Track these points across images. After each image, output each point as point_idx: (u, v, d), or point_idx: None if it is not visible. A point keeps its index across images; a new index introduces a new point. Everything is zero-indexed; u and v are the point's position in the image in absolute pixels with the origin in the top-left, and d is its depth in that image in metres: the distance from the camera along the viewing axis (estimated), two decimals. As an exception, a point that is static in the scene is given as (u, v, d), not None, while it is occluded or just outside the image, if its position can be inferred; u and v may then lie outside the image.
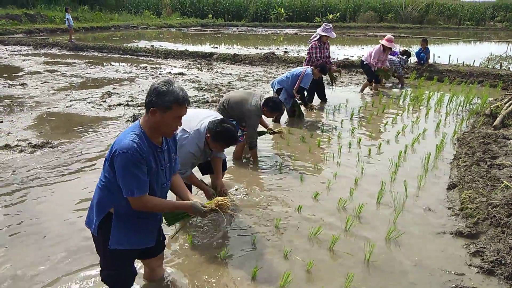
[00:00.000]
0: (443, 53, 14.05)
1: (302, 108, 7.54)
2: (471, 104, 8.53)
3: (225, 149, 3.79)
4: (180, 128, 3.35)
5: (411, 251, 3.51)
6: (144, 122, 2.37)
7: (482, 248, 3.47)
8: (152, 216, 2.56)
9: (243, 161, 5.52)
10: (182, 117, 2.73)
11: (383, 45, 9.26)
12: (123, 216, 2.42)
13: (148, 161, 2.33)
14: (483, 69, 11.78)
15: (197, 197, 2.78)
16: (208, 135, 3.44)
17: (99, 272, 2.63)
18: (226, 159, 4.35)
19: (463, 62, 12.61)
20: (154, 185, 2.43)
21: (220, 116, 3.69)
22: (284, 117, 7.51)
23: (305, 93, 7.36)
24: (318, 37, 8.35)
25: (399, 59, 10.57)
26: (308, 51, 8.51)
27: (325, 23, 8.48)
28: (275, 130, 5.43)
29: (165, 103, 2.27)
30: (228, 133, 3.42)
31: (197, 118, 3.57)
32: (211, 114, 3.69)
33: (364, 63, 9.66)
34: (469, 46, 22.11)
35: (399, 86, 10.79)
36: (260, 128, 5.41)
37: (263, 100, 5.13)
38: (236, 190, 4.62)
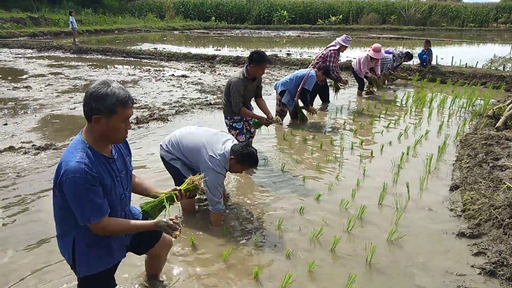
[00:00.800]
0: (446, 54, 14.04)
1: (305, 111, 7.55)
2: (473, 106, 8.52)
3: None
4: (206, 154, 3.56)
5: (413, 252, 3.52)
6: (88, 133, 2.14)
7: (484, 249, 3.47)
8: (115, 235, 2.35)
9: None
10: (197, 140, 2.93)
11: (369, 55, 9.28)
12: (86, 240, 2.21)
13: (101, 179, 2.11)
14: (486, 71, 11.76)
15: (161, 192, 2.65)
16: (232, 157, 3.58)
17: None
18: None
19: (466, 63, 12.59)
20: (113, 199, 2.22)
21: (231, 137, 3.91)
22: (287, 119, 7.52)
23: (308, 95, 7.37)
24: (338, 46, 8.35)
25: (392, 54, 10.58)
26: (323, 56, 8.39)
27: (346, 35, 8.54)
28: (271, 120, 5.30)
29: (108, 107, 2.04)
30: (253, 156, 3.60)
31: (218, 141, 3.72)
32: (229, 137, 3.87)
33: (354, 70, 9.65)
34: (472, 48, 22.07)
35: (392, 87, 10.80)
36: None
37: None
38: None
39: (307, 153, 5.89)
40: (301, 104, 7.45)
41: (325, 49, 8.50)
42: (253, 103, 5.52)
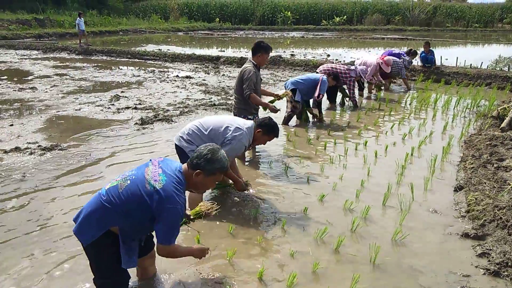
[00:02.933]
0: (451, 55, 14.00)
1: (310, 116, 7.61)
2: (478, 107, 8.50)
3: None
4: (232, 127, 3.97)
5: (417, 252, 3.52)
6: (188, 177, 2.61)
7: (488, 250, 3.46)
8: (138, 239, 2.69)
9: (246, 163, 5.55)
10: (218, 120, 3.65)
11: (379, 64, 9.34)
12: (126, 238, 2.53)
13: None
14: (491, 71, 11.73)
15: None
16: (259, 130, 4.03)
17: (92, 280, 2.66)
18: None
19: (471, 64, 12.56)
20: None
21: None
22: (293, 120, 7.54)
23: (311, 102, 7.60)
24: (355, 75, 8.53)
25: (402, 59, 10.57)
26: (343, 76, 8.44)
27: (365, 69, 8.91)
28: (281, 95, 5.90)
29: (212, 170, 2.59)
30: (277, 127, 4.14)
31: (239, 120, 4.20)
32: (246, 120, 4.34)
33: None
34: (477, 48, 22.00)
35: (404, 89, 10.77)
36: (268, 98, 5.91)
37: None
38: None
39: (311, 153, 5.90)
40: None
41: (339, 64, 8.71)
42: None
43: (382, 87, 10.31)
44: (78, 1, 33.66)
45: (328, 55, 17.37)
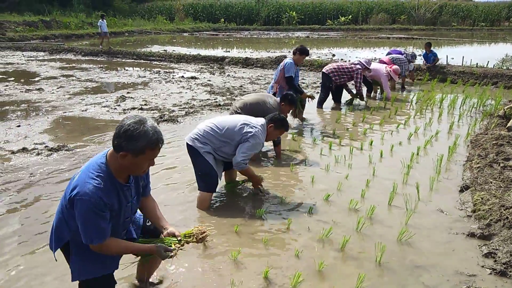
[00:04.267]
0: (457, 54, 13.93)
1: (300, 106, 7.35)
2: (484, 106, 8.46)
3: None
4: (246, 123, 4.11)
5: (423, 252, 3.51)
6: (112, 161, 2.18)
7: (494, 249, 3.45)
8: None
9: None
10: (232, 120, 3.55)
11: (389, 73, 9.39)
12: (82, 247, 2.25)
13: (111, 205, 2.17)
14: (497, 70, 11.66)
15: (172, 227, 2.52)
16: (271, 125, 4.22)
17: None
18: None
19: (477, 63, 12.49)
20: (118, 223, 2.31)
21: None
22: (294, 121, 7.55)
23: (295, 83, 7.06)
24: (362, 68, 8.56)
25: (405, 54, 10.54)
26: (349, 70, 8.50)
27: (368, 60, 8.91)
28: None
29: (138, 149, 2.08)
30: (286, 121, 4.36)
31: (251, 118, 4.30)
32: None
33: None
34: (483, 47, 21.86)
35: (401, 88, 10.72)
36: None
37: (279, 97, 5.69)
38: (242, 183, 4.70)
39: (316, 153, 5.89)
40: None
41: (343, 62, 8.62)
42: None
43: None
44: (84, 3, 33.84)
45: (333, 55, 17.35)
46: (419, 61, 13.10)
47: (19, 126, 7.05)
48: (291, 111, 6.17)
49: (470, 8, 37.48)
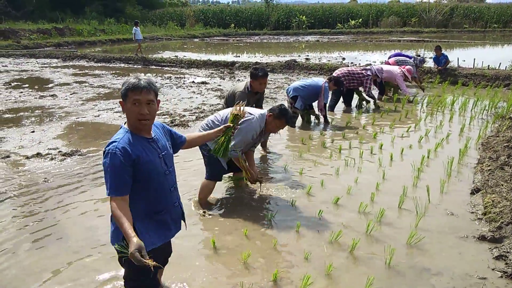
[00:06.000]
0: (468, 57, 13.84)
1: (312, 117, 7.83)
2: (496, 108, 8.38)
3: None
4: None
5: (432, 255, 3.50)
6: (127, 121, 2.43)
7: (505, 252, 3.43)
8: (167, 210, 2.55)
9: (263, 161, 5.60)
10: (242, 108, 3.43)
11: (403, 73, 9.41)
12: (142, 216, 2.41)
13: (141, 155, 2.33)
14: (509, 72, 11.54)
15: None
16: (271, 114, 4.19)
17: (123, 285, 2.61)
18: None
19: (488, 65, 12.38)
20: (159, 174, 2.45)
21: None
22: (298, 121, 7.62)
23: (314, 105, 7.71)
24: (372, 74, 8.75)
25: (413, 58, 10.50)
26: (360, 76, 8.62)
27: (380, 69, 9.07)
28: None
29: (123, 92, 2.34)
30: (289, 112, 4.27)
31: (253, 109, 4.40)
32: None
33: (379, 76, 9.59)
34: (495, 49, 21.63)
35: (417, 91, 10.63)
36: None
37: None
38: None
39: (325, 156, 5.91)
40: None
41: (354, 67, 8.67)
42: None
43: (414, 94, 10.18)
44: (97, 10, 34.32)
45: (344, 59, 17.33)
46: (430, 64, 13.03)
47: (33, 131, 7.19)
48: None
49: (482, 9, 37.07)
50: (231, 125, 3.33)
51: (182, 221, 2.78)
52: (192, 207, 4.38)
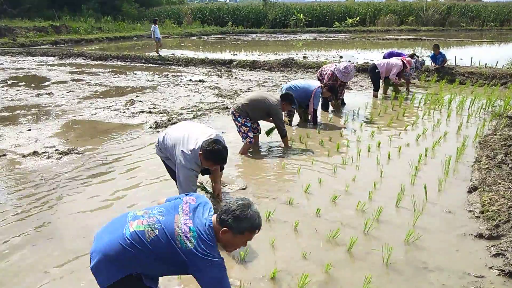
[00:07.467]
0: (465, 55, 13.85)
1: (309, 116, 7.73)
2: (493, 107, 8.39)
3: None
4: (179, 149, 3.64)
5: (430, 253, 3.51)
6: (217, 232, 2.33)
7: (503, 250, 3.44)
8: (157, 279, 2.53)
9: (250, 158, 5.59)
10: (177, 135, 3.34)
11: (403, 62, 9.31)
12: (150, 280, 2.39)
13: None
14: (506, 71, 11.55)
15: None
16: (200, 152, 3.54)
17: None
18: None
19: (486, 64, 12.40)
20: None
21: (213, 134, 3.76)
22: (296, 119, 7.66)
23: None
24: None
25: (414, 59, 10.49)
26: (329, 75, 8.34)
27: (347, 66, 8.23)
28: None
29: (240, 229, 2.28)
30: (218, 154, 3.50)
31: (192, 137, 3.71)
32: (205, 132, 3.78)
33: (376, 70, 9.55)
34: (492, 48, 21.67)
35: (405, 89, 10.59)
36: (271, 124, 6.24)
37: (280, 95, 6.10)
38: (244, 189, 4.76)
39: (323, 155, 5.91)
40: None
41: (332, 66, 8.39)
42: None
43: (403, 92, 10.12)
44: (93, 8, 34.18)
45: (341, 57, 17.32)
46: (427, 62, 13.04)
47: (30, 130, 7.15)
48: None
49: (479, 8, 37.10)
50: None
51: None
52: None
